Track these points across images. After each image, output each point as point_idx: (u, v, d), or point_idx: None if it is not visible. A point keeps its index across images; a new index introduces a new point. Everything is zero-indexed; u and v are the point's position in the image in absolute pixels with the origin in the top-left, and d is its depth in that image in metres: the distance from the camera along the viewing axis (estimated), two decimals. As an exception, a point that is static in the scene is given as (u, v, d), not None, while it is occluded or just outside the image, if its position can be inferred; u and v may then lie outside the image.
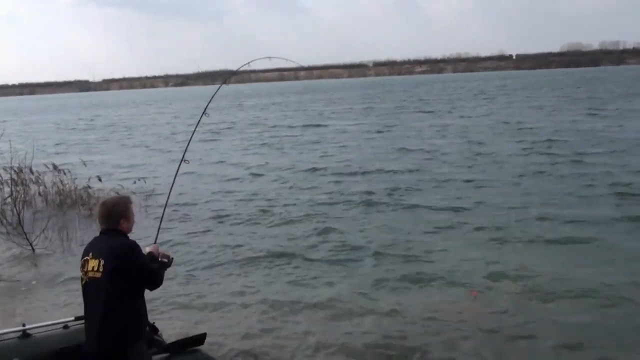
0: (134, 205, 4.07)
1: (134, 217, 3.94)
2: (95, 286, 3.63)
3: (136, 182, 13.47)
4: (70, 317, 4.99)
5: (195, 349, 4.74)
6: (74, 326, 4.79)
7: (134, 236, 3.89)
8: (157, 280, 3.83)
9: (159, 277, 3.84)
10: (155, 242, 4.26)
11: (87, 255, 3.71)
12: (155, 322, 4.70)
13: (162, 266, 3.96)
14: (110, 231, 3.77)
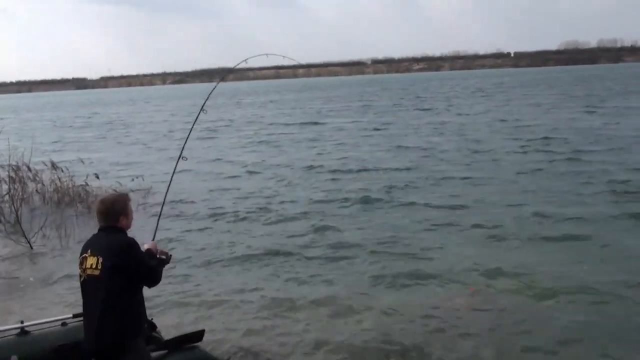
0: (132, 202, 4.08)
1: (133, 214, 3.96)
2: (93, 283, 3.63)
3: (134, 180, 13.49)
4: (68, 314, 5.00)
5: (193, 346, 4.75)
6: (72, 323, 4.80)
7: (132, 233, 3.90)
8: (155, 277, 3.84)
9: (157, 274, 3.85)
10: (153, 239, 4.27)
11: (86, 252, 3.72)
12: (153, 319, 4.72)
13: (161, 263, 3.97)
14: (108, 228, 3.78)
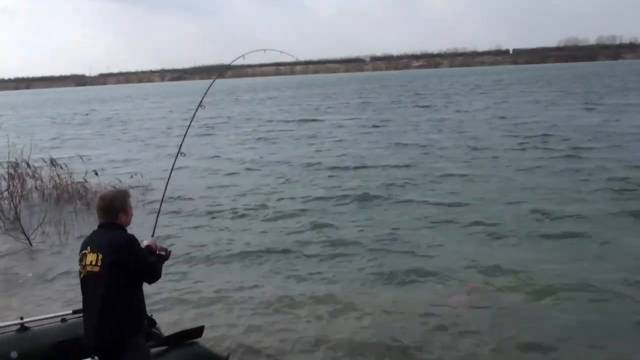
0: (131, 199, 4.09)
1: (132, 211, 3.97)
2: (93, 280, 3.64)
3: (133, 177, 13.49)
4: (68, 311, 5.01)
5: (193, 342, 4.77)
6: (71, 319, 4.81)
7: (131, 230, 3.91)
8: (155, 273, 3.84)
9: (157, 270, 3.86)
10: (152, 236, 4.28)
11: (86, 249, 3.72)
12: (152, 315, 4.74)
13: (160, 259, 3.97)
14: (108, 225, 3.78)
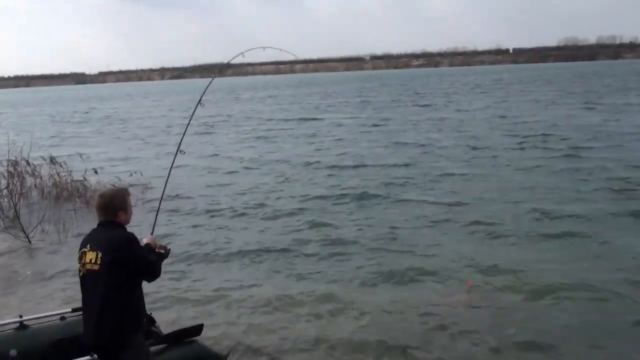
0: (131, 197, 4.08)
1: (132, 209, 3.96)
2: (93, 278, 3.63)
3: (132, 175, 13.49)
4: (67, 309, 5.02)
5: (192, 340, 4.77)
6: (71, 317, 4.82)
7: (130, 228, 3.90)
8: (154, 272, 3.84)
9: (156, 268, 3.85)
10: (152, 234, 4.28)
11: (85, 247, 3.72)
12: (152, 314, 4.74)
13: (160, 257, 3.96)
14: (108, 223, 3.77)
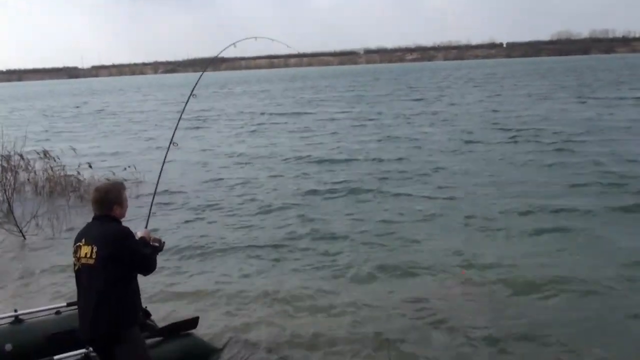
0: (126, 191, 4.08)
1: (127, 203, 3.97)
2: (88, 272, 3.65)
3: (126, 169, 13.46)
4: (62, 303, 5.04)
5: (188, 333, 4.79)
6: (66, 312, 4.84)
7: (124, 221, 3.92)
8: (149, 265, 3.85)
9: (151, 262, 3.86)
10: (146, 227, 4.29)
11: (80, 241, 3.73)
12: (147, 307, 4.75)
13: (154, 251, 3.98)
14: (103, 217, 3.79)
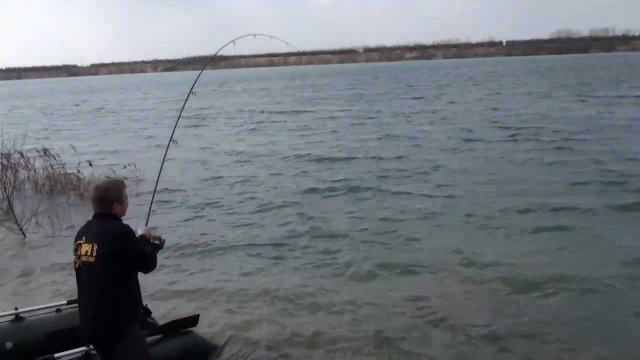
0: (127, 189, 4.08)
1: (128, 201, 3.97)
2: (88, 270, 3.65)
3: (126, 167, 13.45)
4: (63, 301, 5.03)
5: (188, 330, 4.79)
6: (66, 310, 4.83)
7: (124, 219, 3.92)
8: (149, 263, 3.85)
9: (152, 260, 3.87)
10: (146, 225, 4.29)
11: (80, 239, 3.73)
12: (147, 305, 4.75)
13: (155, 248, 3.98)
14: (103, 215, 3.79)
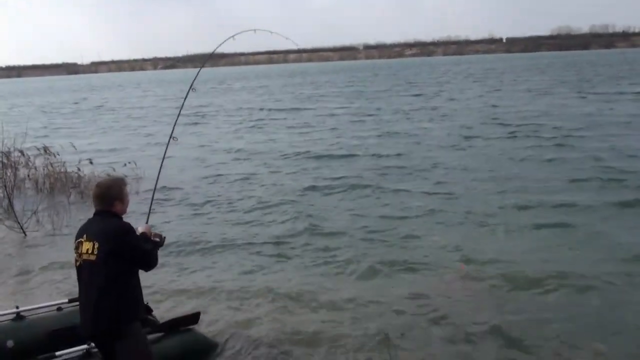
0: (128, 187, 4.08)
1: (129, 199, 3.98)
2: (89, 268, 3.65)
3: (126, 165, 13.45)
4: (64, 299, 5.04)
5: (189, 328, 4.80)
6: (67, 308, 4.85)
7: (124, 217, 3.92)
8: (150, 261, 3.86)
9: (152, 257, 3.87)
10: (147, 222, 4.30)
11: (81, 237, 3.73)
12: (148, 303, 4.75)
13: (155, 246, 3.99)
14: (104, 213, 3.79)
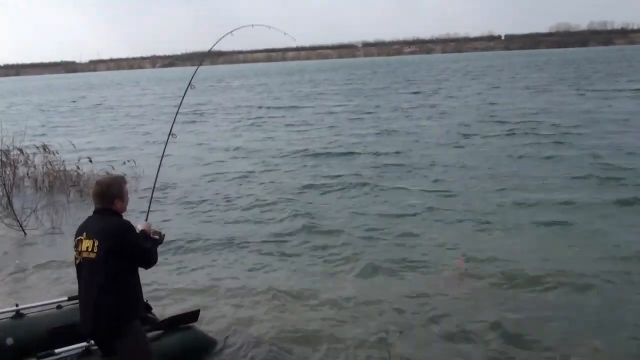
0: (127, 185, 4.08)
1: (128, 197, 3.98)
2: (89, 266, 3.66)
3: (125, 163, 13.45)
4: (63, 297, 5.05)
5: (188, 326, 4.81)
6: (67, 306, 4.85)
7: (124, 215, 3.92)
8: (150, 259, 3.86)
9: (152, 255, 3.88)
10: (146, 220, 4.30)
11: (81, 235, 3.73)
12: (148, 300, 4.76)
13: (155, 243, 3.98)
14: (104, 211, 3.79)
